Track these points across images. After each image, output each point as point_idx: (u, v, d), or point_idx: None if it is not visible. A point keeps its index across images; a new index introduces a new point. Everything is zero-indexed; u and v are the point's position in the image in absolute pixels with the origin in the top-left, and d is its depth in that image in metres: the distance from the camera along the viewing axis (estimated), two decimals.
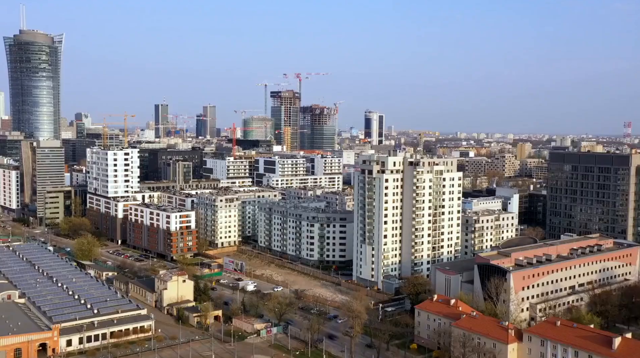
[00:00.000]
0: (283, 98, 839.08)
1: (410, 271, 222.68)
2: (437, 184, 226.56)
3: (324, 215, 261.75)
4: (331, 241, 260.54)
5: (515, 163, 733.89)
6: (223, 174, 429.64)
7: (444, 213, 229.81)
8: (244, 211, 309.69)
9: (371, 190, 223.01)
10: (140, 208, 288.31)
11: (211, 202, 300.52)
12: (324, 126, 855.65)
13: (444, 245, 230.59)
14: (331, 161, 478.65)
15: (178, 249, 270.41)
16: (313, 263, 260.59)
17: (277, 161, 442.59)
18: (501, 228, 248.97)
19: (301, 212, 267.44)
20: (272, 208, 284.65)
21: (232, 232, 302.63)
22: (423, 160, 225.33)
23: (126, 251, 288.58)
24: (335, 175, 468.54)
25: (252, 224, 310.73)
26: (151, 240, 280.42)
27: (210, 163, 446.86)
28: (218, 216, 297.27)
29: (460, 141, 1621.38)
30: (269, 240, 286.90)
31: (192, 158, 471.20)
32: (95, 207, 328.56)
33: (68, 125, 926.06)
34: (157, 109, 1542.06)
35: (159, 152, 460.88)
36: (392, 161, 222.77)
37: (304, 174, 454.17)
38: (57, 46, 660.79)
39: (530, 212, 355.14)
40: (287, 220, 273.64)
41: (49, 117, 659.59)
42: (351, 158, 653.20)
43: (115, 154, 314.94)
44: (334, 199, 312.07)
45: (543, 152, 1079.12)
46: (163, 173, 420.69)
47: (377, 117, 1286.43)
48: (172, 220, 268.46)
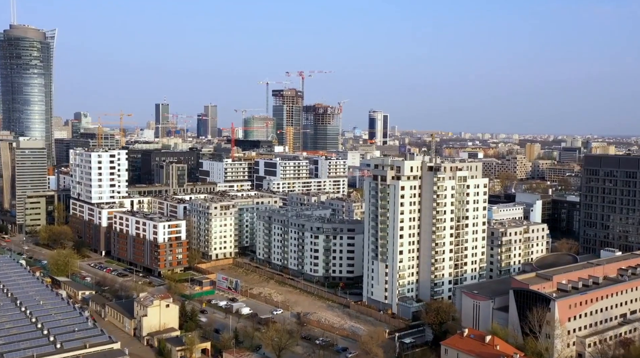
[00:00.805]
0: (285, 97, 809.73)
1: (430, 293, 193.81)
2: (460, 192, 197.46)
3: (330, 226, 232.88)
4: (338, 254, 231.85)
5: (527, 164, 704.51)
6: (220, 177, 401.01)
7: (468, 225, 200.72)
8: (241, 220, 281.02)
9: (385, 199, 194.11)
10: (125, 216, 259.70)
11: (204, 209, 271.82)
12: (327, 126, 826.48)
13: (467, 261, 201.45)
14: (336, 163, 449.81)
15: (166, 263, 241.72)
16: (317, 279, 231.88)
17: (279, 163, 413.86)
18: (530, 242, 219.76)
19: (304, 222, 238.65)
20: (271, 216, 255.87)
21: (227, 243, 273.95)
22: (444, 165, 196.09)
23: (110, 264, 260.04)
24: (340, 178, 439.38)
25: (250, 233, 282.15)
26: (137, 252, 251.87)
27: (207, 165, 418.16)
28: (212, 225, 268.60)
29: (465, 142, 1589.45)
30: (269, 252, 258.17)
31: (188, 160, 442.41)
32: (78, 214, 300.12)
33: (63, 124, 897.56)
34: (157, 109, 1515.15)
35: (153, 153, 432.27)
36: (409, 165, 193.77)
37: (307, 177, 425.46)
38: (50, 41, 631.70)
39: (554, 220, 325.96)
40: (289, 231, 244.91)
41: (40, 116, 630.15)
42: (356, 159, 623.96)
43: (99, 156, 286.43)
44: (340, 206, 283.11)
45: (553, 153, 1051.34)
46: (156, 176, 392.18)
47: (381, 117, 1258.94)
48: (160, 230, 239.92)
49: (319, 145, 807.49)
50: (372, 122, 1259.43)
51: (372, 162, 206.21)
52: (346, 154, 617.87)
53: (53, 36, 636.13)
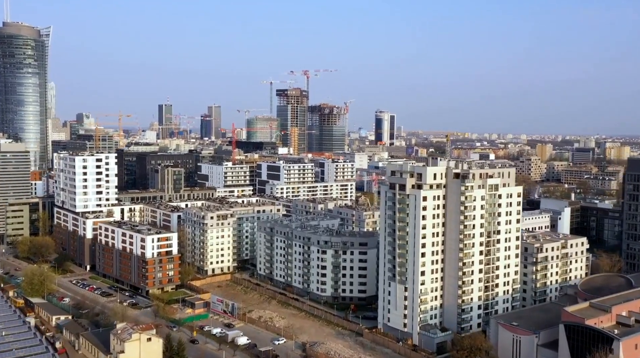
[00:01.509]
0: (290, 97, 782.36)
1: (457, 320, 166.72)
2: (491, 203, 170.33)
3: (339, 239, 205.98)
4: (348, 272, 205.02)
5: (542, 166, 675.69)
6: (220, 181, 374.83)
7: (500, 241, 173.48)
8: (240, 230, 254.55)
9: (404, 211, 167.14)
10: (111, 227, 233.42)
11: (199, 219, 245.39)
12: (333, 127, 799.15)
13: (499, 282, 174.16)
14: (343, 166, 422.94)
15: (155, 280, 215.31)
16: (325, 299, 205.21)
17: (282, 166, 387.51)
18: (569, 258, 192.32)
19: (310, 235, 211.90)
20: (273, 228, 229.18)
21: (225, 256, 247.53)
22: (473, 171, 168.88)
23: (94, 281, 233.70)
24: (347, 182, 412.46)
25: (251, 246, 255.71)
26: (123, 268, 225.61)
27: (206, 169, 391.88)
28: (208, 237, 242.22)
29: (473, 142, 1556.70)
30: (271, 268, 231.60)
31: (186, 163, 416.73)
32: (62, 224, 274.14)
33: (62, 126, 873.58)
34: (160, 110, 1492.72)
35: (148, 156, 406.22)
36: (432, 172, 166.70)
37: (312, 181, 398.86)
38: (44, 39, 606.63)
39: (583, 229, 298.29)
40: (293, 244, 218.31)
41: (35, 117, 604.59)
42: (364, 161, 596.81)
43: (84, 160, 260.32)
44: (349, 215, 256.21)
45: (565, 154, 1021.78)
46: (151, 181, 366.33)
47: (388, 117, 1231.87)
48: (148, 244, 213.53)
49: (325, 146, 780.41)
50: (378, 122, 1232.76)
51: (388, 168, 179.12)
52: (353, 156, 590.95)
53: (48, 34, 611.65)
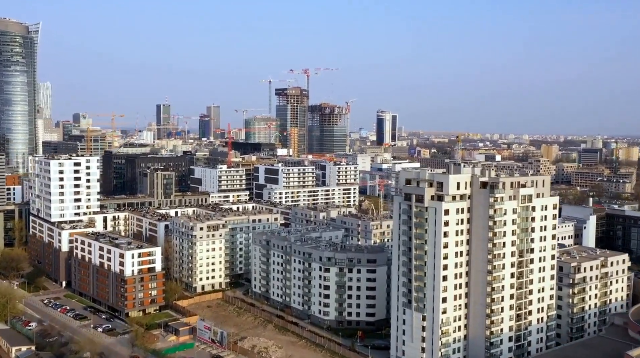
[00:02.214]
0: (289, 96, 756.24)
1: (484, 354, 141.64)
2: (524, 217, 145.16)
3: (344, 255, 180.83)
4: (354, 293, 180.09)
5: (551, 167, 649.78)
6: (214, 186, 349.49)
7: (533, 261, 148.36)
8: (234, 242, 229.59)
9: (421, 226, 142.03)
10: (87, 240, 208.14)
11: (187, 230, 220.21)
12: (334, 127, 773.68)
13: (532, 309, 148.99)
14: (346, 169, 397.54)
15: (136, 302, 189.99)
16: (328, 324, 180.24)
17: (281, 169, 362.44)
18: (609, 278, 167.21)
19: (311, 250, 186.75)
20: (270, 241, 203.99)
21: (216, 271, 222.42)
22: (503, 180, 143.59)
23: (68, 301, 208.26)
24: (350, 186, 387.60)
25: (245, 258, 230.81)
26: (100, 287, 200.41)
27: (199, 172, 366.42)
28: (197, 250, 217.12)
29: (475, 142, 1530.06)
30: (267, 285, 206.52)
31: (178, 166, 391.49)
32: (38, 234, 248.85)
33: (54, 126, 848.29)
34: (158, 110, 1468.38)
35: (137, 159, 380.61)
36: (455, 181, 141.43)
37: (313, 185, 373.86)
38: (33, 36, 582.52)
39: (608, 238, 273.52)
40: (292, 260, 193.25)
41: (23, 116, 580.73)
42: (366, 163, 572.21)
43: (60, 164, 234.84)
44: (355, 225, 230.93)
45: (572, 154, 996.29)
46: (139, 185, 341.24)
47: (390, 117, 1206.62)
48: (127, 260, 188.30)
49: (326, 147, 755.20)
50: (380, 122, 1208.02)
51: (402, 176, 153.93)
52: (355, 157, 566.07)
53: (37, 30, 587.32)
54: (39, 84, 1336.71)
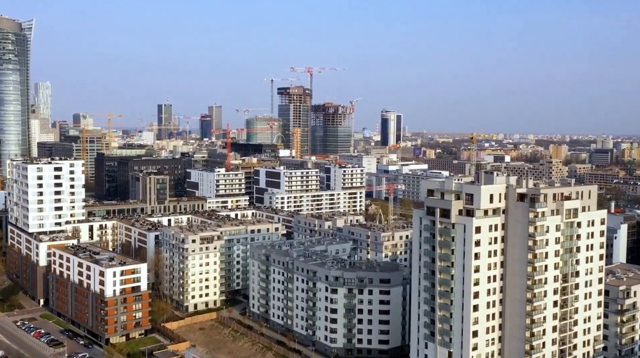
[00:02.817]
0: (292, 95, 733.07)
1: None
2: (568, 235, 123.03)
3: (354, 274, 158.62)
4: (365, 317, 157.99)
5: (563, 169, 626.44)
6: (211, 190, 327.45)
7: (579, 286, 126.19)
8: (230, 255, 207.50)
9: (447, 246, 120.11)
10: (65, 254, 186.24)
11: (178, 243, 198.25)
12: (338, 127, 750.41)
13: (577, 343, 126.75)
14: (352, 171, 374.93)
15: (118, 326, 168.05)
16: (336, 352, 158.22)
17: (283, 173, 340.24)
18: None
19: (316, 267, 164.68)
20: (269, 255, 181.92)
21: (210, 288, 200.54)
22: (544, 191, 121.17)
23: (45, 322, 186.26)
24: (357, 190, 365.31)
25: (243, 273, 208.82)
26: (79, 308, 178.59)
27: (195, 176, 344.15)
28: (188, 265, 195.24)
29: (481, 143, 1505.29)
30: (266, 305, 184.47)
31: (174, 168, 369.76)
32: (16, 246, 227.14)
33: (51, 126, 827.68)
34: (160, 110, 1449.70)
35: (131, 161, 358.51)
36: (488, 193, 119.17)
37: (317, 189, 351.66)
38: (26, 33, 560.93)
39: (638, 248, 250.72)
40: (294, 278, 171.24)
41: (16, 117, 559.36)
42: (372, 164, 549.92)
43: (39, 169, 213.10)
44: (364, 236, 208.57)
45: (581, 155, 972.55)
46: (131, 190, 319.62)
47: (394, 117, 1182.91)
48: (108, 279, 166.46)
49: (329, 148, 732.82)
50: (384, 122, 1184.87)
51: (424, 185, 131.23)
52: (361, 159, 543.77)
53: (30, 27, 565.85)
54: (39, 84, 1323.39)
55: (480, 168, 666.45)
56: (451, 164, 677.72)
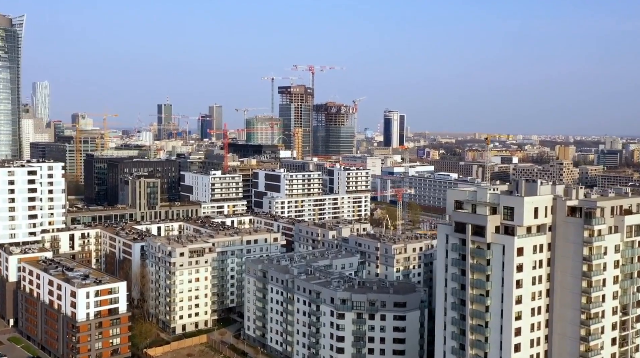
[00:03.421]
0: (293, 94, 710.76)
1: None
2: (629, 256, 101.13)
3: (363, 296, 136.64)
4: (377, 346, 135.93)
5: (575, 171, 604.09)
6: (206, 195, 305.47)
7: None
8: (224, 268, 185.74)
9: (481, 271, 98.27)
10: (35, 270, 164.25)
11: (164, 256, 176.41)
12: (340, 127, 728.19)
13: None
14: (356, 174, 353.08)
15: (92, 354, 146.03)
16: None
17: (283, 176, 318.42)
18: None
19: (319, 287, 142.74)
20: (267, 272, 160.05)
21: (200, 307, 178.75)
22: (601, 203, 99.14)
23: (12, 347, 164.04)
24: (362, 194, 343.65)
25: (238, 288, 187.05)
26: (50, 332, 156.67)
27: (190, 179, 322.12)
28: (176, 281, 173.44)
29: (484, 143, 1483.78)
30: (263, 328, 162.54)
31: (168, 171, 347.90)
32: None
33: (45, 126, 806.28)
34: (159, 109, 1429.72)
35: (121, 163, 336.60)
36: (532, 206, 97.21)
37: (319, 193, 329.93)
38: (17, 29, 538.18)
39: None
40: (294, 299, 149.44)
41: (6, 116, 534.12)
42: (377, 166, 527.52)
43: (10, 173, 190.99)
44: (373, 248, 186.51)
45: (589, 156, 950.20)
46: (120, 194, 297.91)
47: (397, 117, 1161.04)
48: (81, 300, 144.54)
49: (331, 149, 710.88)
50: (387, 123, 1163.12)
51: (451, 196, 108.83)
52: (365, 160, 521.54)
53: (21, 23, 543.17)
54: (36, 84, 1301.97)
55: (488, 170, 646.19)
56: (458, 166, 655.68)
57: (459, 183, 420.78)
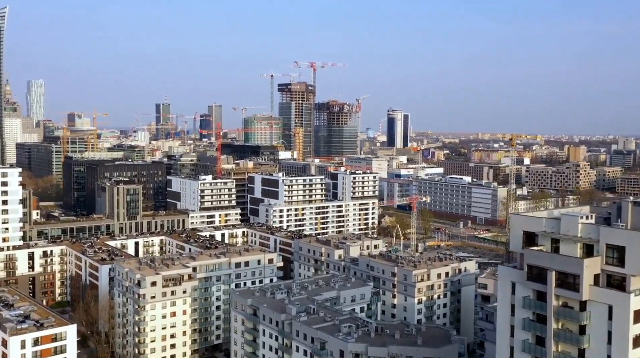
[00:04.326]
0: (293, 92, 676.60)
1: None
2: None
3: (383, 350, 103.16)
4: None
5: (591, 173, 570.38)
6: (195, 202, 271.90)
7: None
8: (208, 298, 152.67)
9: (572, 342, 64.42)
10: None
11: (133, 286, 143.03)
12: (343, 127, 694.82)
13: None
14: (363, 179, 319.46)
15: None
16: None
17: (281, 180, 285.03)
18: None
19: (325, 335, 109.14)
20: (258, 309, 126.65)
21: (178, 347, 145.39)
22: None
23: None
24: (369, 200, 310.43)
25: (224, 321, 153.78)
26: None
27: (177, 185, 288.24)
28: (146, 317, 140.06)
29: (488, 143, 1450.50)
30: None
31: (154, 175, 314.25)
32: None
33: (34, 126, 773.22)
34: (157, 109, 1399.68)
35: (100, 166, 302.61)
36: None
37: (322, 200, 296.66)
38: None
39: None
40: (292, 347, 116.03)
41: None
42: (383, 168, 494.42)
43: None
44: (388, 273, 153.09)
45: (600, 156, 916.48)
46: (97, 201, 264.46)
47: (401, 116, 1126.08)
48: (13, 352, 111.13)
49: (334, 149, 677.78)
50: (390, 122, 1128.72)
51: (515, 223, 74.91)
52: (370, 162, 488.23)
53: (3, 16, 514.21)
54: (31, 82, 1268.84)
55: (499, 172, 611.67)
56: (467, 168, 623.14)
57: (473, 187, 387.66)
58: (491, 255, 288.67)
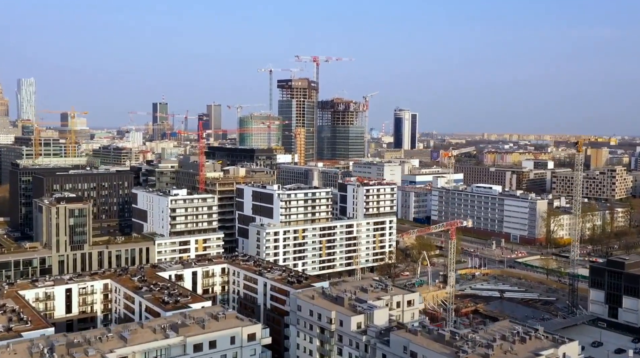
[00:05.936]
0: (294, 89, 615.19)
1: None
2: None
3: None
4: None
5: (628, 178, 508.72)
6: (164, 224, 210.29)
7: None
8: None
9: None
10: None
11: None
12: (349, 127, 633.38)
13: None
14: (378, 191, 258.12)
15: None
16: None
17: (277, 194, 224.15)
18: None
19: None
20: None
21: None
22: None
23: None
24: (386, 218, 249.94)
25: None
26: None
27: (143, 201, 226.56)
28: None
29: (498, 144, 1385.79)
30: None
31: (119, 188, 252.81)
32: None
33: (11, 126, 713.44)
34: (155, 108, 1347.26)
35: (47, 178, 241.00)
36: None
37: (328, 219, 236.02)
38: None
39: None
40: None
41: None
42: (396, 174, 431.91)
43: None
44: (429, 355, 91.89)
45: (623, 159, 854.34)
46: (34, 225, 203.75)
47: (409, 116, 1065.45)
48: None
49: (339, 152, 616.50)
50: (397, 122, 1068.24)
51: None
52: (382, 168, 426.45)
53: None
54: (21, 81, 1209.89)
55: (522, 177, 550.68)
56: (487, 173, 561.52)
57: (506, 198, 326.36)
58: (542, 289, 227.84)
